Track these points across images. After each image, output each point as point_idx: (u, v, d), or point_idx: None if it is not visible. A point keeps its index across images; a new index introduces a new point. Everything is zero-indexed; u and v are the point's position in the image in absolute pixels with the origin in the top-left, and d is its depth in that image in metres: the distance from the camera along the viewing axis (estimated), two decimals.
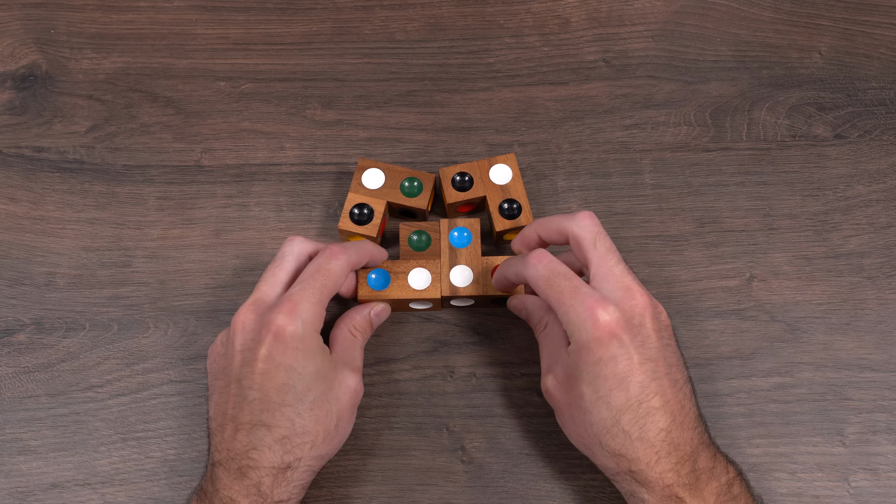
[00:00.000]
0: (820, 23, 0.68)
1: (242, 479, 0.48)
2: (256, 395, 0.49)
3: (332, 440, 0.51)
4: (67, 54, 0.68)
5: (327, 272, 0.53)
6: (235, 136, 0.66)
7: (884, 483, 0.56)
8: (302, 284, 0.52)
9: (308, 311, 0.51)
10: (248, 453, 0.49)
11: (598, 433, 0.50)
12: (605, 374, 0.49)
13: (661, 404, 0.49)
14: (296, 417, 0.49)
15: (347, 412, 0.52)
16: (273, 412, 0.49)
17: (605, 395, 0.49)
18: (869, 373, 0.59)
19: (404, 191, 0.60)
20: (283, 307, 0.51)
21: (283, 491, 0.49)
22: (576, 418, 0.51)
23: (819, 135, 0.65)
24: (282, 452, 0.49)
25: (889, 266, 0.61)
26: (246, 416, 0.49)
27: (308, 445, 0.50)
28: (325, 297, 0.52)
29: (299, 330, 0.50)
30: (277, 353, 0.50)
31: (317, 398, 0.50)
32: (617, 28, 0.69)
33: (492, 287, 0.58)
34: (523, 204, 0.59)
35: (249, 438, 0.49)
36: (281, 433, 0.49)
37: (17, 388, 0.59)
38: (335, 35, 0.69)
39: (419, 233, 0.59)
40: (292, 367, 0.50)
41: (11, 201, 0.64)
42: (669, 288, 0.61)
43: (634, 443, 0.48)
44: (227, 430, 0.50)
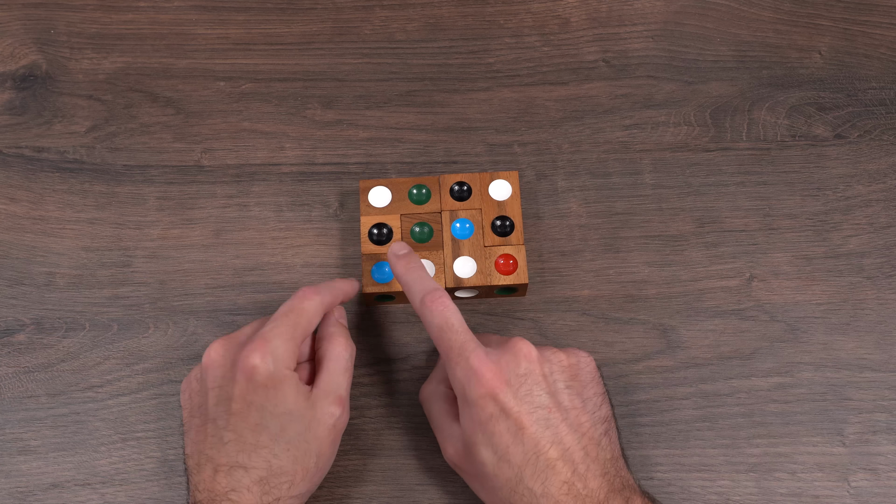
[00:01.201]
0: (820, 23, 0.68)
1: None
2: (232, 437, 0.49)
3: (311, 478, 0.51)
4: (67, 54, 0.68)
5: (300, 311, 0.52)
6: (235, 136, 0.66)
7: (884, 483, 0.56)
8: (274, 322, 0.52)
9: (280, 349, 0.50)
10: (228, 494, 0.48)
11: (507, 496, 0.48)
12: (499, 430, 0.48)
13: (558, 454, 0.48)
14: (272, 458, 0.49)
15: (328, 448, 0.51)
16: (249, 453, 0.49)
17: (503, 453, 0.48)
18: (869, 373, 0.59)
19: (413, 199, 0.60)
20: (254, 345, 0.50)
21: None
22: (485, 485, 0.50)
23: (819, 135, 0.65)
24: (260, 493, 0.48)
25: (889, 266, 0.61)
26: (223, 458, 0.49)
27: (286, 485, 0.49)
28: (298, 336, 0.52)
29: (270, 368, 0.50)
30: (250, 393, 0.49)
31: (292, 438, 0.49)
32: (617, 28, 0.69)
33: (496, 277, 0.58)
34: (516, 223, 0.59)
35: (228, 480, 0.48)
36: (259, 474, 0.48)
37: (17, 388, 0.59)
38: (335, 35, 0.69)
39: (421, 224, 0.59)
40: (264, 406, 0.49)
41: (11, 201, 0.64)
42: (669, 288, 0.61)
43: (540, 500, 0.47)
44: (206, 471, 0.49)
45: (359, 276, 0.61)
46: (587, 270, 0.61)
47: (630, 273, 0.61)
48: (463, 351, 0.50)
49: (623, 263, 0.62)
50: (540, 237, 0.62)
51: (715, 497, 0.56)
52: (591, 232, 0.62)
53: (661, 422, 0.58)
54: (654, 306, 0.61)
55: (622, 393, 0.58)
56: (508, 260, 0.58)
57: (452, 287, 0.58)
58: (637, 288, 0.61)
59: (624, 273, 0.61)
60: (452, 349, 0.50)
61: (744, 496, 0.56)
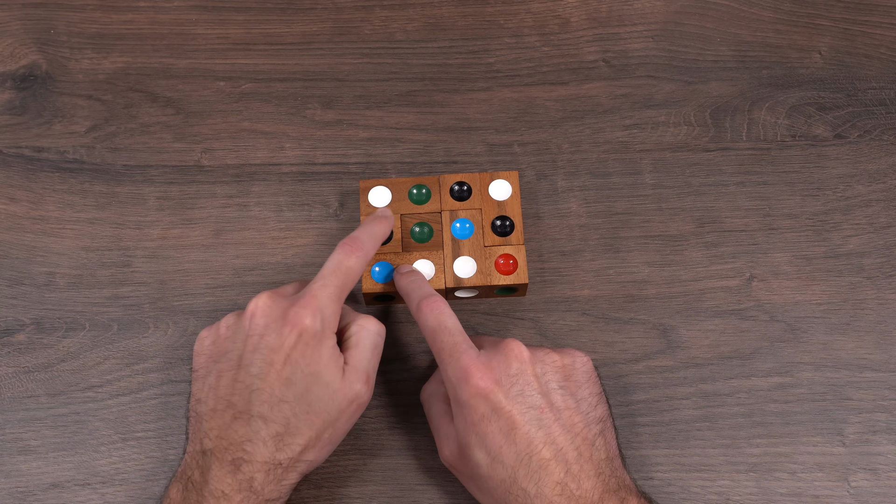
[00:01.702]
0: (820, 23, 0.68)
1: (236, 472, 0.47)
2: (261, 386, 0.49)
3: (321, 448, 0.51)
4: (67, 54, 0.68)
5: (348, 271, 0.53)
6: (235, 136, 0.66)
7: (884, 483, 0.56)
8: (323, 281, 0.52)
9: (328, 309, 0.51)
10: (243, 445, 0.48)
11: (502, 496, 0.48)
12: (491, 431, 0.48)
13: (551, 454, 0.48)
14: (291, 416, 0.49)
15: (343, 423, 0.51)
16: (272, 406, 0.48)
17: (497, 454, 0.48)
18: (869, 373, 0.59)
19: (413, 199, 0.60)
20: (305, 301, 0.50)
21: (273, 489, 0.48)
22: (480, 486, 0.50)
23: (819, 135, 0.65)
24: (274, 449, 0.48)
25: (889, 266, 0.61)
26: (246, 406, 0.48)
27: (299, 448, 0.49)
28: (343, 296, 0.52)
29: (318, 327, 0.50)
30: (293, 349, 0.49)
31: (314, 402, 0.50)
32: (617, 28, 0.69)
33: (496, 277, 0.58)
34: (517, 223, 0.59)
35: (246, 429, 0.48)
36: (276, 429, 0.48)
37: (17, 388, 0.59)
38: (335, 35, 0.69)
39: (421, 224, 0.59)
40: (299, 363, 0.49)
41: (11, 201, 0.64)
42: (669, 288, 0.61)
43: (533, 500, 0.47)
44: (226, 417, 0.48)
45: None
46: (587, 270, 0.61)
47: (630, 273, 0.61)
48: (454, 351, 0.50)
49: (623, 263, 0.62)
50: (540, 237, 0.62)
51: (715, 497, 0.56)
52: (591, 232, 0.62)
53: (660, 422, 0.58)
54: (654, 306, 0.61)
55: (622, 393, 0.58)
56: (508, 260, 0.58)
57: (452, 287, 0.58)
58: (637, 288, 0.61)
59: (624, 273, 0.61)
60: (444, 350, 0.50)
61: (744, 496, 0.56)
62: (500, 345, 0.51)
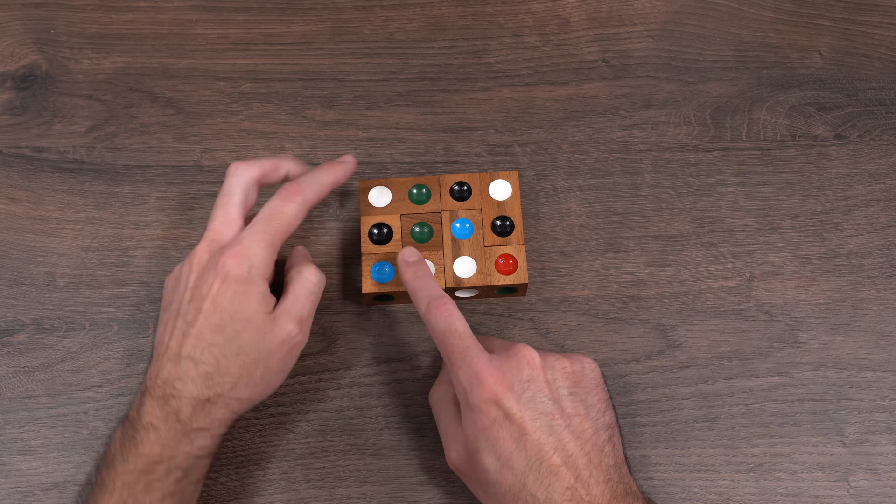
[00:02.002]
0: (820, 23, 0.68)
1: (164, 406, 0.50)
2: (193, 332, 0.51)
3: (254, 386, 0.52)
4: (67, 54, 0.68)
5: (281, 216, 0.54)
6: (235, 136, 0.66)
7: (884, 483, 0.56)
8: (254, 228, 0.53)
9: (257, 256, 0.52)
10: (174, 383, 0.51)
11: (510, 502, 0.48)
12: (502, 436, 0.48)
13: (561, 460, 0.48)
14: (221, 358, 0.51)
15: (277, 363, 0.53)
16: (202, 349, 0.51)
17: (506, 459, 0.48)
18: (869, 373, 0.59)
19: (413, 199, 0.60)
20: (233, 250, 0.52)
21: (201, 420, 0.51)
22: (487, 491, 0.50)
23: (819, 135, 0.65)
24: (203, 387, 0.51)
25: (889, 266, 0.61)
26: (178, 349, 0.51)
27: (228, 385, 0.51)
28: (277, 242, 0.53)
29: (244, 274, 0.52)
30: (220, 295, 0.51)
31: (244, 344, 0.51)
32: (617, 28, 0.69)
33: (496, 277, 0.58)
34: (517, 223, 0.59)
35: (177, 369, 0.51)
36: (205, 369, 0.51)
37: (17, 388, 0.59)
38: (335, 35, 0.69)
39: (421, 224, 0.59)
40: (228, 309, 0.51)
41: (11, 201, 0.64)
42: (669, 288, 0.61)
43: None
44: (162, 360, 0.52)
45: (359, 276, 0.61)
46: (587, 270, 0.61)
47: (630, 273, 0.61)
48: (466, 356, 0.50)
49: (623, 263, 0.62)
50: (540, 237, 0.62)
51: (715, 497, 0.56)
52: (591, 232, 0.62)
53: (661, 422, 0.58)
54: (654, 306, 0.61)
55: (622, 393, 0.58)
56: (508, 260, 0.58)
57: (452, 287, 0.58)
58: (637, 288, 0.61)
59: (624, 273, 0.61)
60: (455, 353, 0.50)
61: (744, 496, 0.56)
62: (512, 350, 0.51)
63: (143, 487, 0.49)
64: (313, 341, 0.59)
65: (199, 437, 0.51)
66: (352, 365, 0.59)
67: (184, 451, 0.50)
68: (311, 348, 0.59)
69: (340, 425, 0.58)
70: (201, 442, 0.51)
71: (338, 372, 0.59)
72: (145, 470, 0.49)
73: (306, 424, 0.58)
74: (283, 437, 0.58)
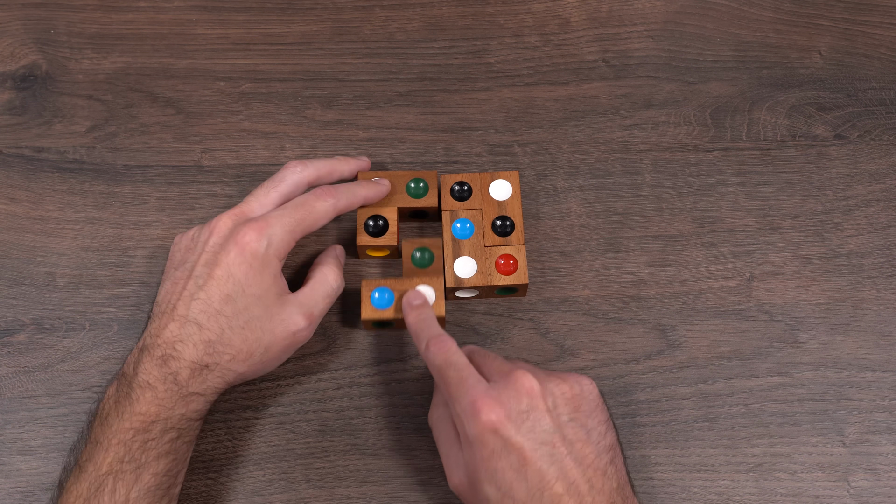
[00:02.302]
0: (820, 23, 0.68)
1: (163, 366, 0.51)
2: (202, 296, 0.52)
3: (252, 364, 0.53)
4: (67, 54, 0.68)
5: (311, 209, 0.55)
6: (235, 136, 0.66)
7: (884, 483, 0.56)
8: (282, 210, 0.55)
9: (277, 236, 0.53)
10: (175, 344, 0.51)
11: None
12: (502, 467, 0.48)
13: (564, 489, 0.47)
14: (226, 328, 0.52)
15: (277, 349, 0.54)
16: (209, 316, 0.52)
17: (507, 490, 0.48)
18: (869, 373, 0.59)
19: (411, 192, 0.60)
20: (255, 224, 0.53)
21: (197, 385, 0.51)
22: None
23: (819, 135, 0.65)
24: (203, 353, 0.52)
25: (889, 266, 0.61)
26: (185, 311, 0.52)
27: (227, 357, 0.52)
28: (298, 230, 0.54)
29: (261, 250, 0.53)
30: (234, 266, 0.52)
31: (250, 320, 0.52)
32: (617, 28, 0.69)
33: (496, 277, 0.58)
34: (517, 223, 0.59)
35: (181, 331, 0.52)
36: (208, 336, 0.52)
37: (17, 388, 0.59)
38: (335, 35, 0.69)
39: (422, 250, 0.59)
40: (241, 282, 0.52)
41: (11, 201, 0.64)
42: (669, 288, 0.61)
43: None
44: (165, 318, 0.52)
45: (358, 275, 0.61)
46: (587, 270, 0.61)
47: (630, 273, 0.61)
48: (462, 385, 0.49)
49: (623, 263, 0.62)
50: (540, 237, 0.62)
51: (715, 497, 0.56)
52: (591, 232, 0.62)
53: (661, 422, 0.58)
54: (654, 306, 0.61)
55: (622, 393, 0.58)
56: (509, 260, 0.58)
57: (453, 287, 0.58)
58: (637, 288, 0.61)
59: (624, 273, 0.61)
60: (452, 385, 0.50)
61: (744, 496, 0.56)
62: (510, 378, 0.50)
63: (139, 446, 0.50)
64: (313, 341, 0.59)
65: (193, 402, 0.52)
66: (352, 365, 0.59)
67: (179, 412, 0.51)
68: (311, 348, 0.59)
69: (340, 425, 0.58)
70: (195, 406, 0.52)
71: (338, 372, 0.59)
72: (141, 429, 0.50)
73: (306, 424, 0.58)
74: (283, 437, 0.58)
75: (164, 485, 0.51)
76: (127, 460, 0.50)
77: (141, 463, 0.50)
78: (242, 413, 0.58)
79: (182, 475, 0.53)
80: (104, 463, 0.50)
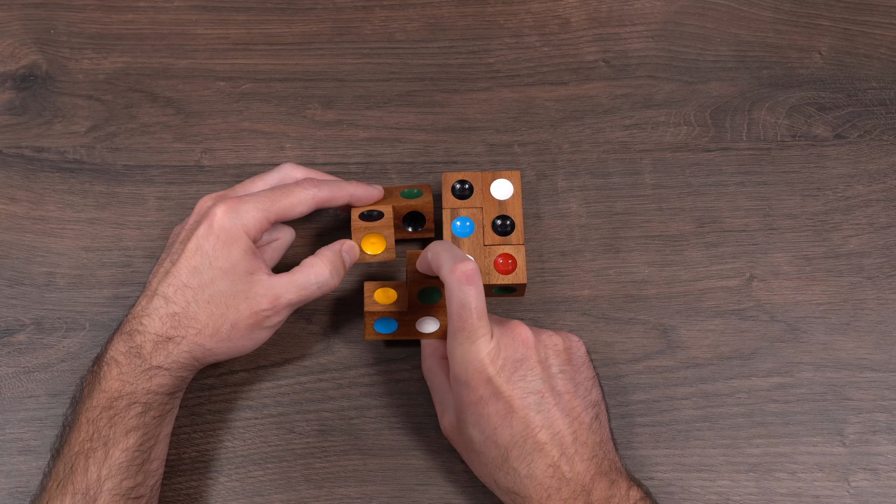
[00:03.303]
0: (820, 23, 0.68)
1: (129, 340, 0.52)
2: (172, 270, 0.53)
3: (220, 340, 0.53)
4: (67, 54, 0.68)
5: (288, 193, 0.55)
6: (235, 136, 0.66)
7: (884, 483, 0.56)
8: (258, 193, 0.55)
9: (248, 214, 0.53)
10: (141, 318, 0.52)
11: (492, 472, 0.50)
12: (488, 412, 0.49)
13: (548, 438, 0.49)
14: (192, 302, 0.52)
15: (243, 326, 0.53)
16: (176, 289, 0.52)
17: (490, 434, 0.49)
18: (869, 373, 0.59)
19: (405, 194, 0.60)
20: (229, 201, 0.53)
21: (161, 358, 0.51)
22: (472, 459, 0.52)
23: (819, 135, 0.65)
24: (168, 326, 0.52)
25: (889, 266, 0.61)
26: (156, 286, 0.53)
27: (193, 331, 0.52)
28: (272, 210, 0.54)
29: (228, 224, 0.53)
30: (202, 238, 0.53)
31: (216, 294, 0.52)
32: (617, 28, 0.69)
33: (495, 276, 0.58)
34: (517, 223, 0.59)
35: (148, 305, 0.52)
36: (174, 309, 0.52)
37: (17, 388, 0.59)
38: (335, 35, 0.69)
39: (431, 290, 0.57)
40: (208, 254, 0.52)
41: (11, 201, 0.64)
42: (669, 288, 0.61)
43: (524, 480, 0.48)
44: (141, 297, 0.53)
45: (356, 275, 0.61)
46: (587, 270, 0.61)
47: (630, 273, 0.61)
48: (473, 336, 0.50)
49: (623, 263, 0.62)
50: (540, 237, 0.62)
51: (715, 497, 0.56)
52: (591, 232, 0.62)
53: (660, 422, 0.58)
54: (654, 306, 0.61)
55: (622, 393, 0.58)
56: (507, 259, 0.58)
57: None
58: (637, 288, 0.61)
59: (624, 273, 0.61)
60: (465, 330, 0.50)
61: (744, 496, 0.56)
62: (506, 327, 0.51)
63: (105, 422, 0.50)
64: (314, 341, 0.59)
65: (158, 375, 0.51)
66: (352, 365, 0.59)
67: (143, 387, 0.51)
68: (311, 348, 0.59)
69: (340, 425, 0.58)
70: (160, 380, 0.51)
71: (338, 372, 0.59)
72: (106, 406, 0.50)
73: (306, 424, 0.58)
74: (283, 437, 0.58)
75: (137, 460, 0.50)
76: (95, 437, 0.50)
77: (108, 439, 0.50)
78: (242, 413, 0.58)
79: (158, 451, 0.52)
80: (76, 443, 0.50)
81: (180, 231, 0.56)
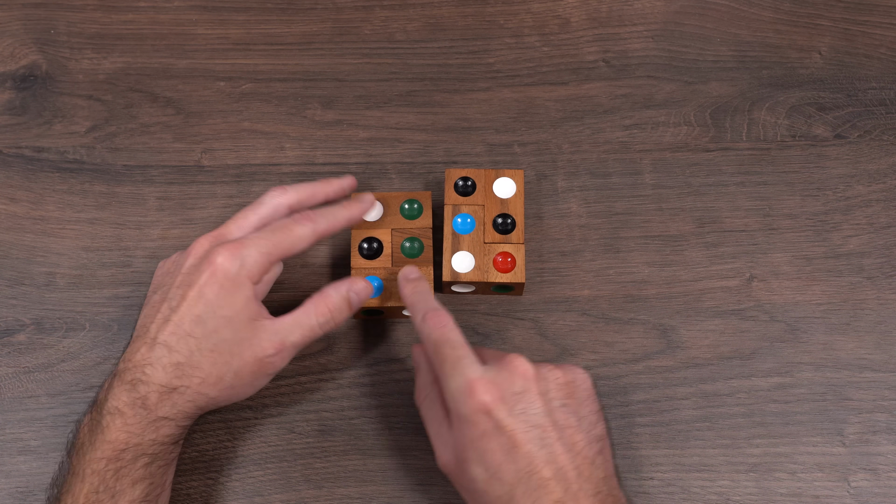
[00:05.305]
0: (820, 23, 0.68)
1: (132, 391, 0.50)
2: (174, 318, 0.51)
3: (222, 389, 0.52)
4: (67, 54, 0.68)
5: (288, 232, 0.54)
6: (235, 136, 0.66)
7: (884, 483, 0.56)
8: (259, 233, 0.53)
9: (251, 258, 0.52)
10: (144, 368, 0.51)
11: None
12: (491, 447, 0.48)
13: (552, 473, 0.47)
14: (195, 351, 0.51)
15: (248, 374, 0.52)
16: (179, 338, 0.51)
17: (495, 471, 0.48)
18: (869, 373, 0.59)
19: (405, 214, 0.60)
20: (229, 246, 0.52)
21: (167, 410, 0.50)
22: (475, 499, 0.50)
23: (819, 135, 0.65)
24: (172, 376, 0.50)
25: (889, 266, 0.61)
26: (156, 334, 0.51)
27: (197, 380, 0.51)
28: (275, 253, 0.53)
29: (233, 270, 0.51)
30: (206, 287, 0.51)
31: (219, 343, 0.51)
32: (617, 28, 0.69)
33: (493, 274, 0.58)
34: (518, 222, 0.59)
35: (150, 354, 0.51)
36: (177, 359, 0.51)
37: (17, 388, 0.59)
38: (335, 35, 0.69)
39: (412, 240, 0.59)
40: (212, 303, 0.51)
41: (11, 201, 0.64)
42: (669, 288, 0.61)
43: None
44: (138, 342, 0.52)
45: None
46: (587, 270, 0.62)
47: (630, 273, 0.61)
48: (458, 365, 0.49)
49: (623, 263, 0.62)
50: (540, 237, 0.62)
51: (715, 497, 0.56)
52: (591, 232, 0.62)
53: (660, 422, 0.58)
54: (654, 306, 0.61)
55: (621, 393, 0.58)
56: (507, 258, 0.58)
57: (449, 281, 0.58)
58: (637, 288, 0.61)
59: (624, 273, 0.61)
60: (447, 363, 0.50)
61: (744, 496, 0.56)
62: (505, 360, 0.50)
63: (112, 475, 0.49)
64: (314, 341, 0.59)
65: (164, 426, 0.51)
66: (352, 365, 0.60)
67: (149, 438, 0.50)
68: (311, 348, 0.59)
69: (340, 425, 0.58)
70: (166, 431, 0.51)
71: (338, 372, 0.59)
72: (113, 457, 0.49)
73: (306, 424, 0.58)
74: (283, 437, 0.58)
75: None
76: (102, 490, 0.49)
77: (116, 492, 0.49)
78: (242, 413, 0.58)
79: (164, 497, 0.52)
80: (80, 494, 0.49)
81: (171, 268, 0.54)
